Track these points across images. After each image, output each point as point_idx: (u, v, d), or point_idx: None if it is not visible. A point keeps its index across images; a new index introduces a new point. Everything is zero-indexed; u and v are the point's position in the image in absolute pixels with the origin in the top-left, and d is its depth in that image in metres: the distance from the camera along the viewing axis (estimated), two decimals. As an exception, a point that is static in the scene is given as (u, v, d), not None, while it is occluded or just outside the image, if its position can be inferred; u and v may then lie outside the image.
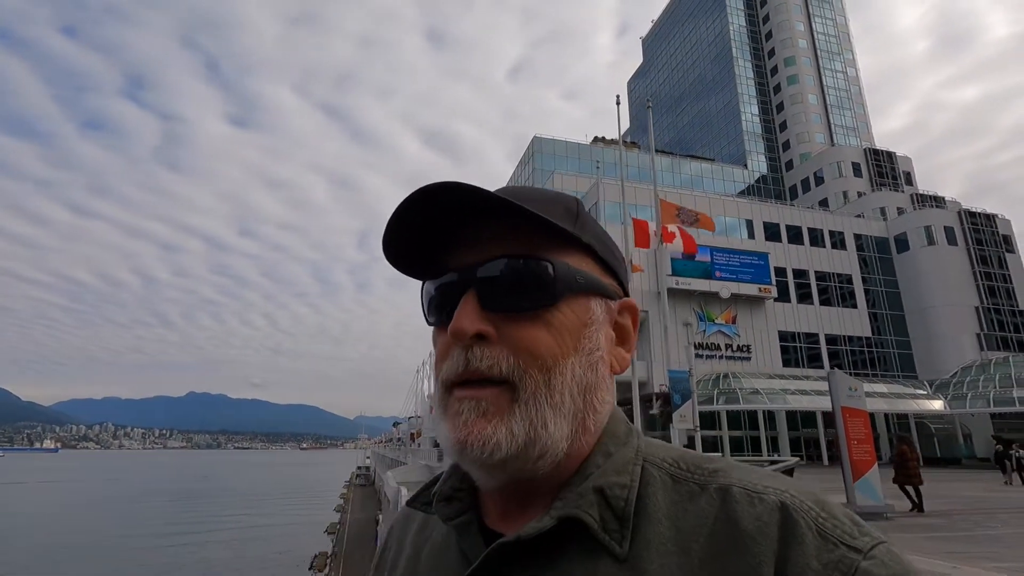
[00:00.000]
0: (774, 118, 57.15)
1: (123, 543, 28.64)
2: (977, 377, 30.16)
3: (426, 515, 0.60)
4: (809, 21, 59.19)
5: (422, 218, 0.52)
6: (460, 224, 0.53)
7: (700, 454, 0.53)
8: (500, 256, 0.51)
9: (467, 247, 0.53)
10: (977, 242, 36.88)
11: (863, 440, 8.51)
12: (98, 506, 48.57)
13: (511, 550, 0.47)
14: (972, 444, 29.80)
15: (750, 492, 0.46)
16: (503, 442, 0.47)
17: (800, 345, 33.74)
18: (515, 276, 0.51)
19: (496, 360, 0.49)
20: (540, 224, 0.50)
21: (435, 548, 0.58)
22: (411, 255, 0.55)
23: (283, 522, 37.02)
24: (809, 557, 0.42)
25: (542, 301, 0.50)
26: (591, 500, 0.48)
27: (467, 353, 0.49)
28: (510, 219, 0.51)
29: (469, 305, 0.50)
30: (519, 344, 0.49)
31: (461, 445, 0.48)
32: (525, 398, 0.49)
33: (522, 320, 0.50)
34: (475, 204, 0.50)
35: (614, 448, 0.52)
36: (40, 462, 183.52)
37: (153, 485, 76.00)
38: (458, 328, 0.49)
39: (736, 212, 35.45)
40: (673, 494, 0.49)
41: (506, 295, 0.50)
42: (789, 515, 0.44)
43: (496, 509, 0.54)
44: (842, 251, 36.88)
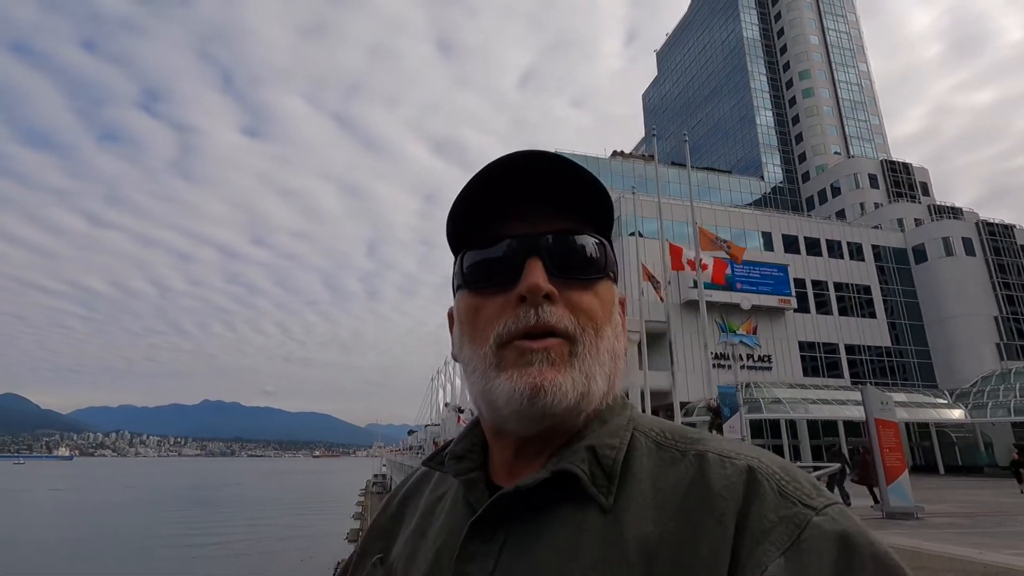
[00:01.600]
0: (790, 130, 57.80)
1: (146, 550, 29.07)
2: (997, 386, 30.48)
3: (440, 476, 0.69)
4: (823, 34, 59.92)
5: (491, 189, 0.58)
6: (518, 195, 0.59)
7: (687, 427, 0.60)
8: (565, 229, 0.59)
9: (526, 218, 0.59)
10: (995, 252, 37.28)
11: (894, 448, 9.41)
12: (119, 512, 49.31)
13: (510, 500, 0.55)
14: (993, 453, 30.15)
15: (722, 456, 0.53)
16: (569, 390, 0.54)
17: (820, 355, 34.33)
18: (578, 248, 0.59)
19: (561, 317, 0.56)
20: (595, 207, 0.60)
21: (446, 502, 0.65)
22: (469, 226, 0.61)
23: (303, 529, 37.35)
24: (767, 511, 0.48)
25: (597, 274, 0.60)
26: (583, 456, 0.55)
27: (537, 309, 0.56)
28: (567, 196, 0.59)
29: (538, 268, 0.56)
30: (578, 305, 0.57)
31: (535, 390, 0.54)
32: (582, 353, 0.56)
33: (579, 287, 0.58)
34: (539, 176, 0.58)
35: (608, 416, 0.59)
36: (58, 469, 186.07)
37: (173, 492, 76.85)
38: (536, 284, 0.55)
39: (755, 225, 36.24)
40: (657, 459, 0.55)
41: (569, 264, 0.58)
42: (754, 476, 0.50)
43: (503, 468, 0.61)
44: (860, 262, 37.45)
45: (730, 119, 62.04)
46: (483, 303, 0.59)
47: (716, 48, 66.26)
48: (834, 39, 60.05)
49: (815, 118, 55.78)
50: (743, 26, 61.60)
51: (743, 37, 61.05)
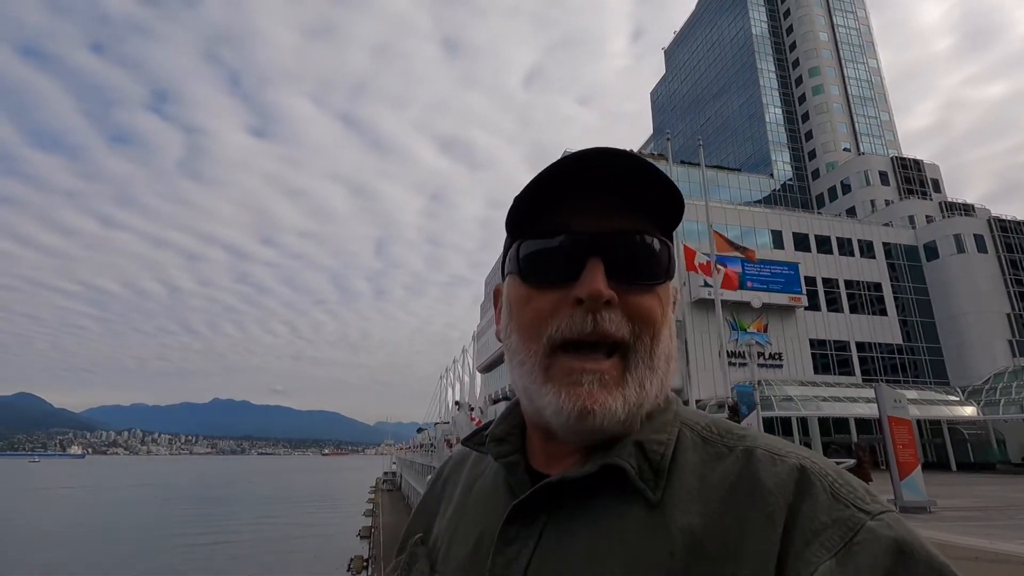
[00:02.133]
0: (799, 127, 57.64)
1: (162, 546, 29.52)
2: (1010, 383, 30.49)
3: (478, 456, 0.71)
4: (833, 30, 59.65)
5: (562, 179, 0.57)
6: (585, 189, 0.58)
7: (732, 423, 0.60)
8: (630, 230, 0.57)
9: (589, 213, 0.58)
10: (1007, 249, 37.17)
11: (907, 445, 9.71)
12: (136, 509, 50.27)
13: (555, 488, 0.55)
14: (1006, 449, 30.20)
15: (772, 454, 0.52)
16: (620, 410, 0.54)
17: (831, 353, 34.43)
18: (642, 251, 0.57)
19: (619, 324, 0.55)
20: (664, 208, 0.58)
21: (486, 482, 0.66)
22: (533, 213, 0.60)
23: (315, 526, 37.79)
24: (819, 511, 0.47)
25: (659, 277, 0.58)
26: (631, 451, 0.54)
27: (595, 315, 0.54)
28: (636, 195, 0.57)
29: (600, 271, 0.55)
30: (637, 311, 0.56)
31: (583, 412, 0.53)
32: (635, 362, 0.55)
33: (640, 291, 0.57)
34: (611, 173, 0.56)
35: (656, 412, 0.59)
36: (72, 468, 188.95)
37: (187, 490, 77.89)
38: (597, 290, 0.54)
39: (765, 223, 36.35)
40: (703, 453, 0.55)
41: (632, 267, 0.56)
42: (807, 475, 0.49)
43: (543, 453, 0.61)
44: (871, 260, 37.46)
45: (739, 116, 61.93)
46: (536, 296, 0.58)
47: (725, 45, 66.12)
48: (843, 35, 59.78)
49: (825, 115, 55.62)
50: (752, 23, 61.43)
51: (752, 34, 60.88)
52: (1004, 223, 38.09)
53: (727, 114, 64.28)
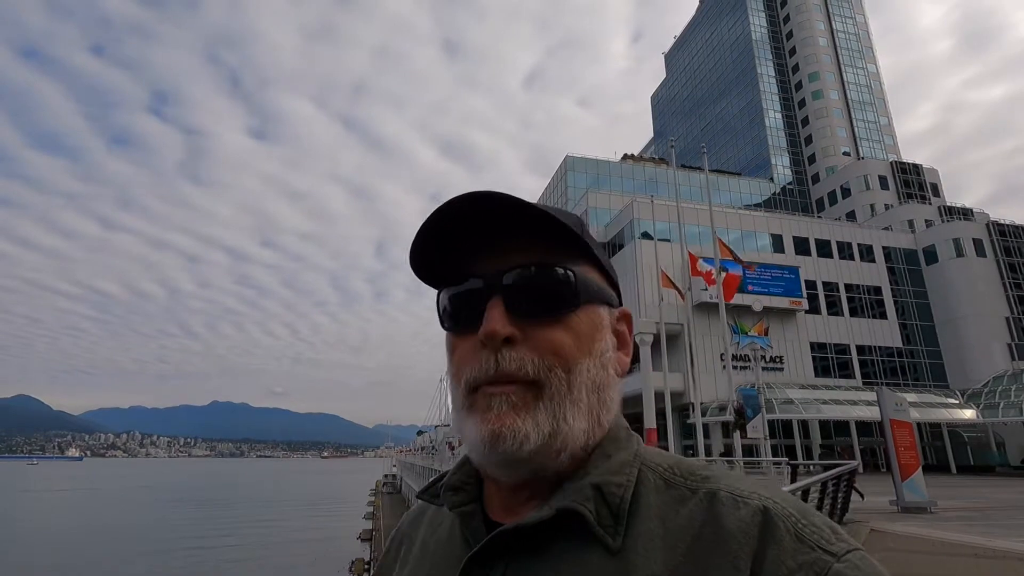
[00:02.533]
0: (799, 132, 58.03)
1: (162, 549, 29.35)
2: (1009, 386, 30.71)
3: (436, 510, 0.67)
4: (832, 35, 60.09)
5: (452, 226, 0.56)
6: (480, 233, 0.57)
7: (695, 461, 0.57)
8: (526, 264, 0.56)
9: (489, 255, 0.57)
10: (1006, 253, 37.47)
11: (909, 447, 9.94)
12: (135, 511, 49.99)
13: (510, 537, 0.52)
14: (1005, 452, 30.44)
15: (736, 496, 0.50)
16: (531, 433, 0.52)
17: (831, 356, 34.67)
18: (540, 283, 0.56)
19: (523, 362, 0.54)
20: (561, 235, 0.56)
21: (442, 536, 0.63)
22: (433, 263, 0.59)
23: (315, 530, 37.66)
24: (785, 556, 0.45)
25: (565, 307, 0.56)
26: (588, 495, 0.52)
27: (496, 355, 0.54)
28: (531, 229, 0.56)
29: (497, 310, 0.54)
30: (544, 345, 0.55)
31: (494, 436, 0.52)
32: (550, 395, 0.54)
33: (545, 324, 0.55)
34: (501, 213, 0.55)
35: (613, 451, 0.57)
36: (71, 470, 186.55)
37: (186, 493, 77.57)
38: (492, 331, 0.53)
39: (766, 227, 36.64)
40: (665, 496, 0.53)
41: (532, 301, 0.55)
42: (770, 518, 0.48)
43: (500, 502, 0.59)
44: (871, 263, 37.75)
45: (739, 119, 62.35)
46: (459, 343, 0.58)
47: (725, 49, 66.60)
48: (843, 40, 60.22)
49: (824, 120, 56.02)
50: (752, 27, 61.87)
51: (752, 38, 61.33)
52: (1002, 227, 38.40)
53: (727, 117, 64.69)
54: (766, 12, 63.60)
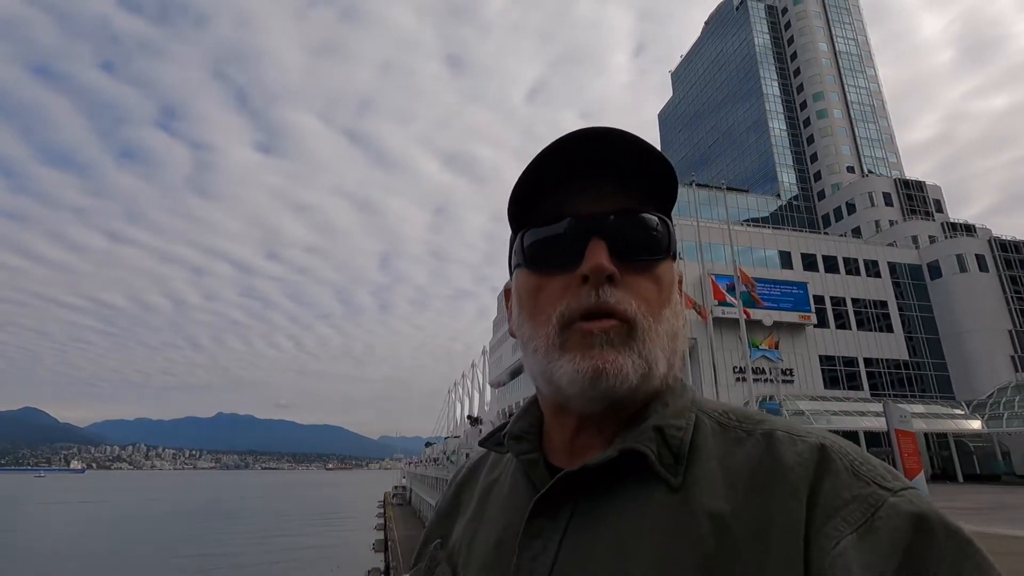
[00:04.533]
0: (804, 149, 59.44)
1: (175, 563, 29.01)
2: (1013, 397, 31.66)
3: (496, 458, 0.71)
4: (835, 56, 61.72)
5: (559, 165, 0.57)
6: (580, 173, 0.58)
7: (748, 408, 0.60)
8: (628, 209, 0.58)
9: (588, 196, 0.59)
10: (1008, 267, 38.61)
11: (912, 453, 11.28)
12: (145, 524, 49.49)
13: (576, 478, 0.55)
14: (1011, 461, 31.36)
15: (792, 435, 0.53)
16: (630, 372, 0.54)
17: (840, 368, 35.78)
18: (641, 229, 0.58)
19: (622, 299, 0.56)
20: (660, 185, 0.59)
21: (505, 482, 0.66)
22: (531, 200, 0.60)
23: (329, 540, 37.65)
24: (841, 488, 0.47)
25: (659, 254, 0.59)
26: (651, 436, 0.55)
27: (598, 291, 0.55)
28: (629, 173, 0.58)
29: (602, 249, 0.56)
30: (638, 290, 0.57)
31: (596, 372, 0.54)
32: (640, 336, 0.56)
33: (639, 269, 0.58)
34: (609, 152, 0.56)
35: (671, 399, 0.59)
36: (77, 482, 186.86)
37: (195, 505, 77.39)
38: (599, 265, 0.55)
39: (775, 244, 37.99)
40: (721, 439, 0.56)
41: (632, 245, 0.57)
42: (827, 454, 0.50)
43: (562, 447, 0.62)
44: (877, 279, 38.94)
45: (744, 131, 63.86)
46: (545, 283, 0.59)
47: (729, 62, 68.22)
48: (845, 61, 61.75)
49: (829, 138, 57.44)
50: (755, 40, 63.59)
51: (756, 51, 63.02)
52: (1004, 243, 39.60)
53: (732, 129, 66.17)
54: (770, 34, 65.25)
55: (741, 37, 66.24)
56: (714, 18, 75.04)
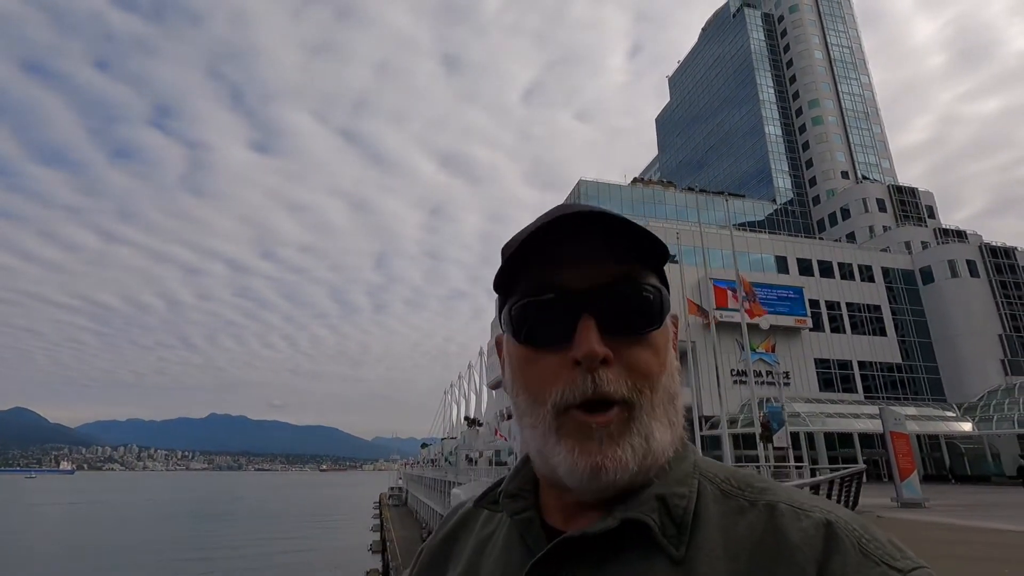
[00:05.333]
0: (800, 156, 60.36)
1: (171, 564, 29.01)
2: (1003, 400, 32.50)
3: (488, 513, 0.67)
4: (831, 64, 62.70)
5: (544, 239, 0.55)
6: (570, 246, 0.56)
7: (749, 473, 0.58)
8: (617, 281, 0.56)
9: (577, 269, 0.56)
10: (998, 272, 39.56)
11: (906, 454, 11.90)
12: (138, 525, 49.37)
13: (575, 545, 0.52)
14: (1000, 463, 32.15)
15: (797, 509, 0.50)
16: (630, 461, 0.52)
17: (834, 371, 36.56)
18: (631, 302, 0.56)
19: (619, 383, 0.53)
20: (648, 250, 0.56)
21: (499, 541, 0.62)
22: (521, 268, 0.58)
23: (326, 542, 37.74)
24: (850, 570, 0.45)
25: (653, 325, 0.56)
26: (653, 506, 0.52)
27: (594, 376, 0.53)
28: (617, 242, 0.56)
29: (592, 329, 0.53)
30: (634, 366, 0.54)
31: (596, 469, 0.52)
32: (639, 415, 0.54)
33: (634, 342, 0.55)
34: (593, 229, 0.55)
35: (673, 463, 0.56)
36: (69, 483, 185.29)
37: (191, 506, 77.06)
38: (592, 351, 0.52)
39: (771, 249, 38.74)
40: (724, 507, 0.53)
41: (624, 319, 0.55)
42: (834, 531, 0.47)
43: (558, 509, 0.59)
44: (871, 284, 39.80)
45: (740, 132, 64.78)
46: (537, 358, 0.57)
47: (726, 64, 69.25)
48: (841, 70, 62.84)
49: (824, 144, 58.46)
50: (751, 43, 64.68)
51: (752, 54, 64.15)
52: (994, 249, 40.54)
53: (728, 131, 67.11)
54: (765, 31, 66.45)
55: (738, 44, 67.23)
56: (711, 25, 75.99)
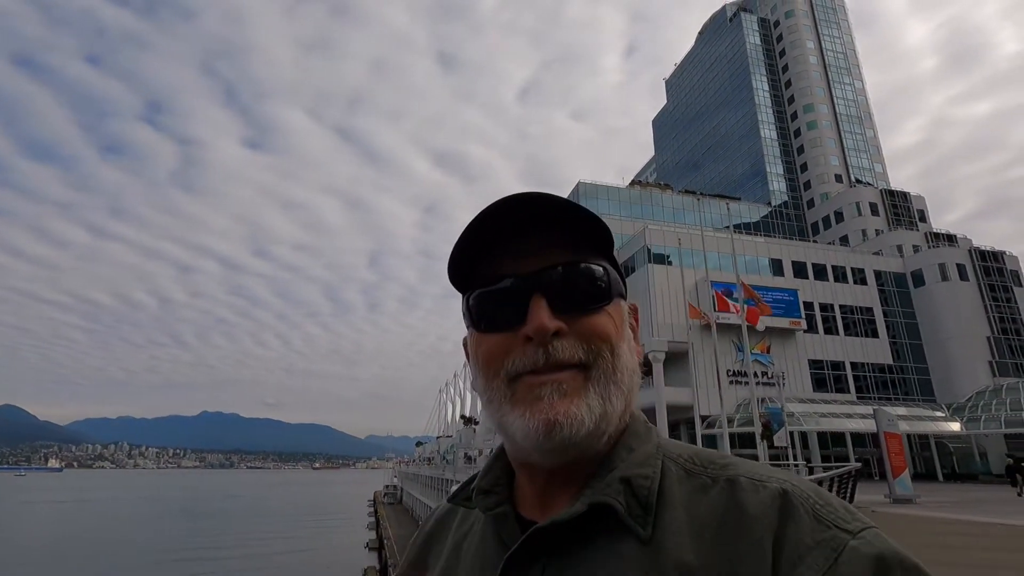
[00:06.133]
0: (795, 160, 61.30)
1: (173, 561, 28.91)
2: (990, 401, 33.33)
3: (464, 511, 0.69)
4: (825, 70, 63.60)
5: (487, 230, 0.58)
6: (514, 234, 0.59)
7: (712, 452, 0.60)
8: (564, 262, 0.59)
9: (525, 255, 0.60)
10: (987, 276, 40.47)
11: (898, 453, 12.53)
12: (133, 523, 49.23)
13: (545, 534, 0.54)
14: (988, 462, 33.01)
15: (755, 481, 0.53)
16: (585, 417, 0.54)
17: (827, 372, 37.30)
18: (580, 280, 0.59)
19: (575, 348, 0.56)
20: (594, 233, 0.60)
21: (475, 538, 0.64)
22: (465, 267, 0.62)
23: (321, 540, 37.82)
24: (804, 535, 0.48)
25: (603, 299, 0.60)
26: (618, 488, 0.54)
27: (546, 347, 0.56)
28: (563, 227, 0.59)
29: (543, 307, 0.57)
30: (591, 331, 0.57)
31: (549, 425, 0.54)
32: (597, 376, 0.56)
33: (586, 315, 0.58)
34: (534, 213, 0.58)
35: (636, 444, 0.59)
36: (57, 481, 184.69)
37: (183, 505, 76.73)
38: (542, 325, 0.56)
39: (767, 252, 39.46)
40: (688, 486, 0.55)
41: (573, 297, 0.58)
42: (789, 500, 0.51)
43: (532, 499, 0.61)
44: (864, 286, 40.61)
45: (735, 133, 65.68)
46: (493, 341, 0.60)
47: (722, 66, 70.13)
48: (835, 75, 63.87)
49: (819, 149, 59.43)
50: (747, 46, 65.57)
51: (748, 56, 65.09)
52: (984, 252, 41.45)
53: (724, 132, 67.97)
54: (761, 35, 67.33)
55: (734, 48, 68.07)
56: (708, 28, 76.79)
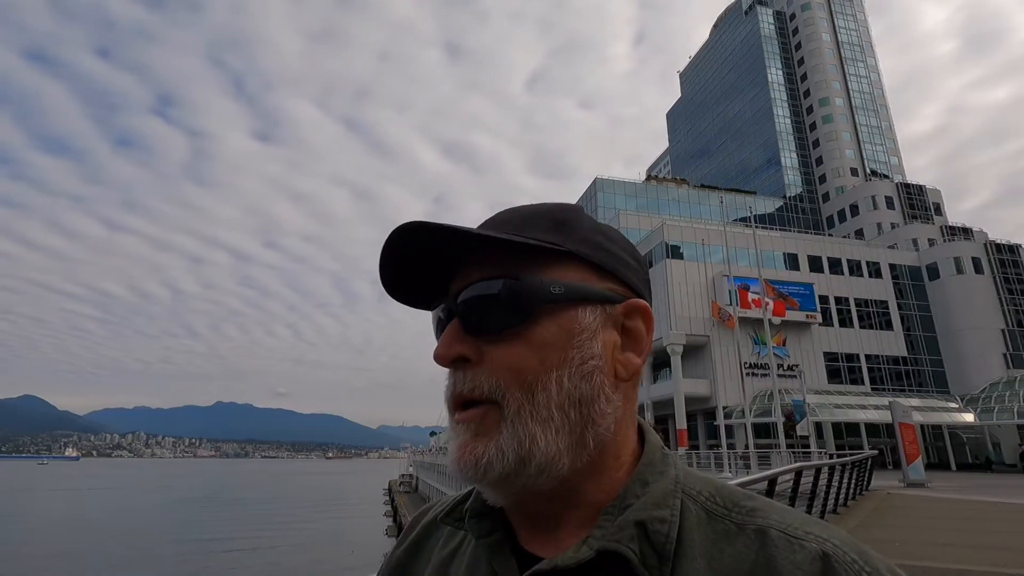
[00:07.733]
0: (811, 153, 61.44)
1: (196, 548, 29.18)
2: (1004, 392, 34.05)
3: (450, 529, 0.60)
4: (842, 63, 63.36)
5: (415, 254, 0.53)
6: (443, 256, 0.54)
7: (737, 489, 0.52)
8: (475, 280, 0.52)
9: (456, 275, 0.54)
10: (1002, 269, 40.87)
11: (912, 442, 13.53)
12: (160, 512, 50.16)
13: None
14: (1001, 451, 33.78)
15: (790, 537, 0.44)
16: (494, 460, 0.47)
17: (843, 364, 38.10)
18: (485, 298, 0.51)
19: (477, 382, 0.49)
20: (514, 243, 0.51)
21: (464, 560, 0.57)
22: (414, 289, 0.57)
23: (341, 526, 38.75)
24: None
25: (511, 320, 0.50)
26: (631, 534, 0.46)
27: (454, 379, 0.51)
28: (487, 245, 0.52)
29: (451, 330, 0.51)
30: (499, 364, 0.49)
31: (458, 464, 0.49)
32: (510, 416, 0.48)
33: (501, 340, 0.50)
34: (450, 237, 0.51)
35: (651, 477, 0.51)
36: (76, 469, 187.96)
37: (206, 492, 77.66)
38: (438, 353, 0.51)
39: (783, 246, 40.16)
40: (709, 531, 0.47)
41: (481, 318, 0.50)
42: (831, 566, 0.42)
43: (527, 528, 0.54)
44: (879, 280, 41.19)
45: (750, 126, 66.02)
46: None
47: (738, 59, 70.27)
48: (852, 68, 63.76)
49: (834, 143, 59.53)
50: (762, 35, 65.63)
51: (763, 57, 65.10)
52: (999, 246, 41.81)
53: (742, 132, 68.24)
54: (776, 28, 67.31)
55: (750, 41, 68.05)
56: (722, 21, 76.69)
